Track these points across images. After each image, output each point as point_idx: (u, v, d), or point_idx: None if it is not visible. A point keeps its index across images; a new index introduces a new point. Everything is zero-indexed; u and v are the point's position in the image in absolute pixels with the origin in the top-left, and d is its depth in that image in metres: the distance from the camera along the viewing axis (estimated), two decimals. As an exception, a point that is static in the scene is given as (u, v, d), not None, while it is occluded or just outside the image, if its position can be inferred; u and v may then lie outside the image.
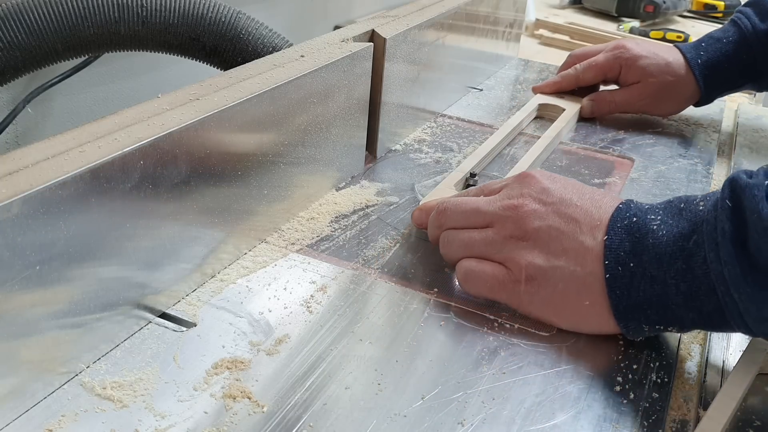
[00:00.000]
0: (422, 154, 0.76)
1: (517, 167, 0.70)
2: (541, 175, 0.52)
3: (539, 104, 0.88)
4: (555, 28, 1.44)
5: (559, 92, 0.92)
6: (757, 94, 1.13)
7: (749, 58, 0.82)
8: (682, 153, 0.81)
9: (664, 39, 1.41)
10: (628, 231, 0.46)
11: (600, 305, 0.46)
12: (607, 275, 0.46)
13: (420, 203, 0.60)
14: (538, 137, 0.78)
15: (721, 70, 0.84)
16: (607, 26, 1.53)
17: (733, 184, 0.43)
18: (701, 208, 0.45)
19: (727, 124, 0.93)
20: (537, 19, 1.46)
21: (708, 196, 0.45)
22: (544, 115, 0.89)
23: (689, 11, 1.74)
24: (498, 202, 0.51)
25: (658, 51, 0.86)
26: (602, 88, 0.92)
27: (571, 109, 0.87)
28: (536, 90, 0.92)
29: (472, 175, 0.68)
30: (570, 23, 1.47)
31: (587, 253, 0.47)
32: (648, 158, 0.79)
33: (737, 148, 0.84)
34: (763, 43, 0.81)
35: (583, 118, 0.89)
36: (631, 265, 0.45)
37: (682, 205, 0.46)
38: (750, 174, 0.44)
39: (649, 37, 1.44)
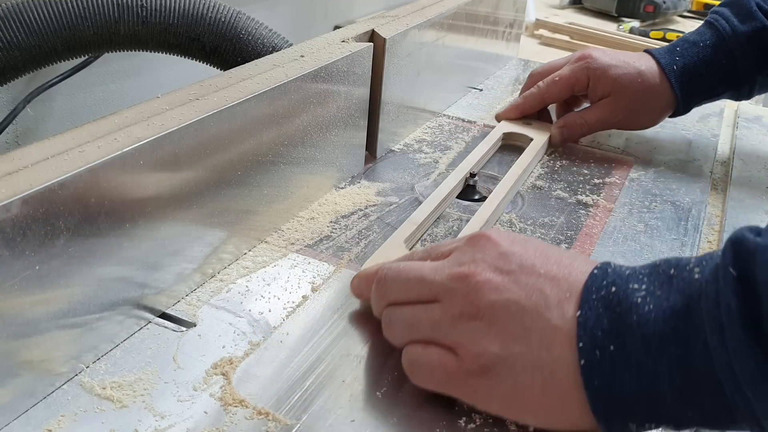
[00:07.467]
0: (422, 154, 0.76)
1: (479, 214, 0.61)
2: (498, 236, 0.43)
3: (504, 133, 0.79)
4: (555, 28, 1.44)
5: (525, 116, 0.81)
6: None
7: (729, 63, 0.75)
8: (682, 153, 0.81)
9: (664, 39, 1.41)
10: (606, 304, 0.37)
11: (573, 398, 0.37)
12: (582, 361, 0.37)
13: (361, 269, 0.51)
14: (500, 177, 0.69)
15: (698, 76, 0.76)
16: (607, 26, 1.53)
17: (737, 247, 0.35)
18: (696, 275, 0.36)
19: (727, 124, 0.93)
20: (537, 19, 1.46)
21: (705, 260, 0.37)
22: (511, 146, 0.79)
23: (689, 11, 1.75)
24: (446, 270, 0.42)
25: (628, 59, 0.77)
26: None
27: (539, 138, 0.77)
28: (499, 117, 0.82)
29: (472, 175, 0.68)
30: (570, 23, 1.47)
31: (555, 333, 0.38)
32: (648, 158, 0.79)
33: (737, 148, 0.84)
34: (743, 46, 0.74)
35: (554, 147, 0.80)
36: (612, 348, 0.36)
37: (672, 272, 0.37)
38: (758, 231, 0.35)
39: (649, 37, 1.44)
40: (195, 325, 0.47)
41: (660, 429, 0.38)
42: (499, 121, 0.82)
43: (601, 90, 0.77)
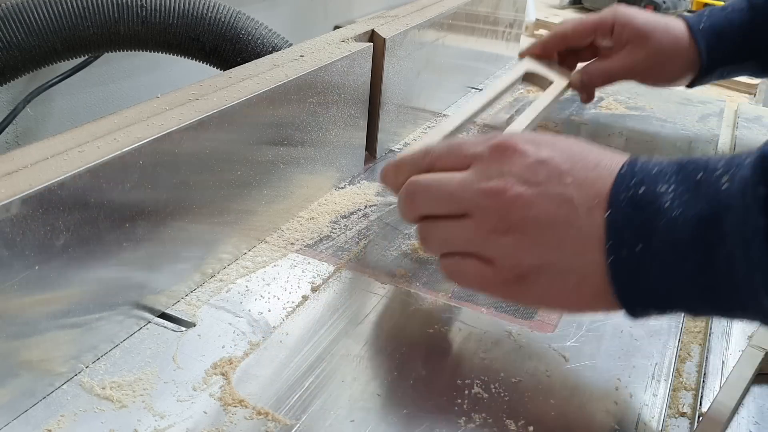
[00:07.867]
0: (422, 154, 0.76)
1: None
2: (525, 146, 0.42)
3: (526, 71, 0.80)
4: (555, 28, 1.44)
5: (547, 53, 0.82)
6: (757, 94, 1.13)
7: (754, 28, 0.75)
8: (682, 153, 0.81)
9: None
10: (634, 205, 0.38)
11: (602, 292, 0.40)
12: (611, 258, 0.38)
13: (396, 157, 0.50)
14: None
15: (724, 37, 0.76)
16: (607, 26, 1.53)
17: (767, 163, 0.35)
18: (724, 186, 0.36)
19: (727, 124, 0.93)
20: (537, 19, 1.46)
21: (732, 167, 0.37)
22: (531, 86, 0.83)
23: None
24: (475, 185, 0.42)
25: (656, 15, 0.78)
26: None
27: (559, 81, 0.79)
28: (522, 54, 0.84)
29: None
30: (570, 23, 1.47)
31: (585, 241, 0.40)
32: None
33: (737, 148, 0.84)
34: None
35: (574, 90, 0.82)
36: (639, 247, 0.38)
37: (699, 176, 0.37)
38: None
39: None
40: (194, 325, 0.47)
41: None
42: (521, 58, 0.83)
43: (626, 35, 0.77)
